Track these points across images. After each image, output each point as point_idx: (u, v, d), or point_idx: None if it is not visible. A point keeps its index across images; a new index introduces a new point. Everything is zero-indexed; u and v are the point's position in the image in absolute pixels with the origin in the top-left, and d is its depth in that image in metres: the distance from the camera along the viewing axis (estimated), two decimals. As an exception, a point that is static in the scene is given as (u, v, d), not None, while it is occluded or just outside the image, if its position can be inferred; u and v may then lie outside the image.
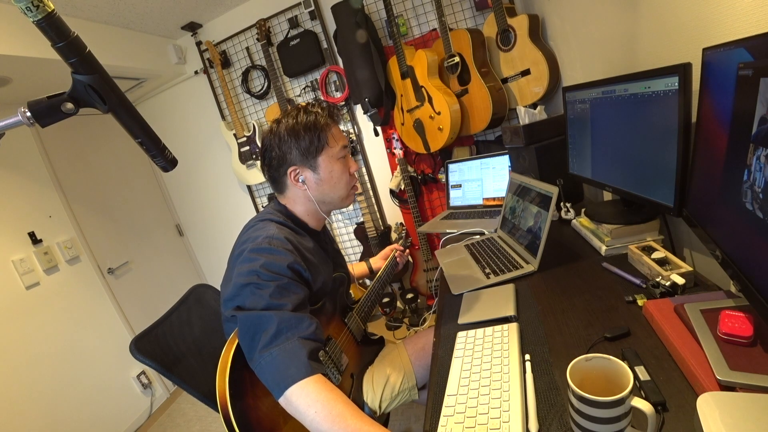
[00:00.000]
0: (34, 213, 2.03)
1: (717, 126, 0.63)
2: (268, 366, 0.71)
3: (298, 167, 0.92)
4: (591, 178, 1.14)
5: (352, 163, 0.98)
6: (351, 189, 0.99)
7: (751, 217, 0.52)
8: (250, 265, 0.79)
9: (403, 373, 1.03)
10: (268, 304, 0.76)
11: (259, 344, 0.73)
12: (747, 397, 0.45)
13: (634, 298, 0.76)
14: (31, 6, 0.44)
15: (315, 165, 0.92)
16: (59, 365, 1.96)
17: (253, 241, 0.83)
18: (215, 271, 3.05)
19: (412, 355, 1.07)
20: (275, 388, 0.70)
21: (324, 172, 0.92)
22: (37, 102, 0.50)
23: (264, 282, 0.78)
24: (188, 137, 2.72)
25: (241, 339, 0.77)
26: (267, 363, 0.71)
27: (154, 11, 2.09)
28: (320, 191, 0.94)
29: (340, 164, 0.94)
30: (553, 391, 0.60)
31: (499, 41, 1.78)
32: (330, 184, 0.94)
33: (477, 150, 2.13)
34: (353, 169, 0.97)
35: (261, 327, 0.74)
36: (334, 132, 0.93)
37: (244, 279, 0.79)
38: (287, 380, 0.69)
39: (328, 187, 0.94)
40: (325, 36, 2.22)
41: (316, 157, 0.91)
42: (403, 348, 1.10)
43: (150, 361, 0.93)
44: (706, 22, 0.72)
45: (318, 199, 0.95)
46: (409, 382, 1.03)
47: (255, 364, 0.73)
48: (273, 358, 0.71)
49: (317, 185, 0.94)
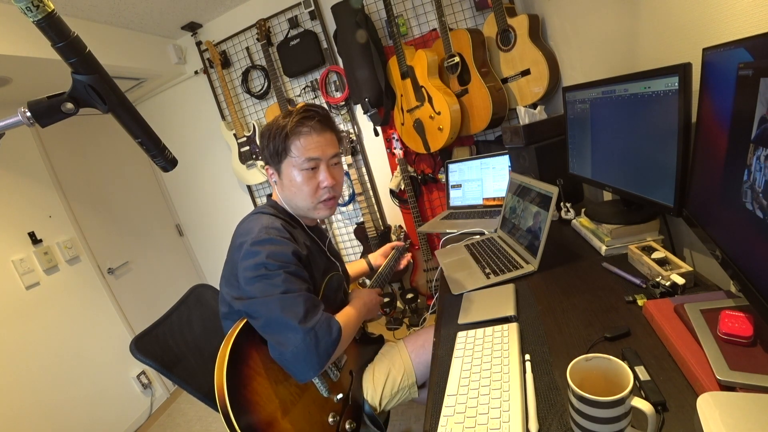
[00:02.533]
0: (34, 213, 2.03)
1: (717, 126, 0.63)
2: (313, 339, 0.77)
3: (270, 167, 0.97)
4: (591, 178, 1.14)
5: (323, 177, 0.92)
6: (320, 202, 0.94)
7: (751, 217, 0.52)
8: (255, 259, 0.80)
9: (403, 371, 1.03)
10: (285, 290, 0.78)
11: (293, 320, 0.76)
12: (747, 397, 0.45)
13: (634, 298, 0.76)
14: (31, 6, 0.44)
15: (279, 169, 0.94)
16: (59, 365, 1.96)
17: (250, 234, 0.84)
18: (215, 271, 3.05)
19: (412, 352, 1.07)
20: None
21: (285, 178, 0.93)
22: (37, 102, 0.50)
23: (273, 272, 0.79)
24: (188, 137, 2.72)
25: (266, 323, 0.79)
26: (312, 338, 0.77)
27: (154, 11, 2.09)
28: (285, 196, 0.97)
29: (304, 175, 0.91)
30: (553, 391, 0.60)
31: (499, 41, 1.78)
32: (290, 192, 0.94)
33: (477, 150, 2.13)
34: (325, 183, 0.92)
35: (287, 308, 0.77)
36: (302, 141, 0.89)
37: (252, 273, 0.79)
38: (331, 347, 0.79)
39: (290, 194, 0.95)
40: (325, 36, 2.23)
41: (279, 163, 0.93)
42: (403, 346, 1.10)
43: (150, 361, 0.93)
44: (706, 22, 0.72)
45: (286, 203, 0.98)
46: (409, 379, 1.03)
47: (298, 335, 0.76)
48: (314, 333, 0.77)
49: (281, 189, 0.97)
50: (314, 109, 0.92)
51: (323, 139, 0.92)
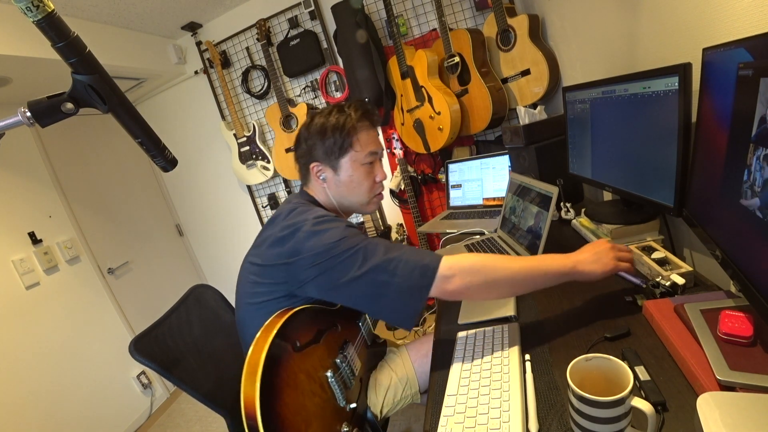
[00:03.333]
0: (34, 213, 2.03)
1: (717, 126, 0.63)
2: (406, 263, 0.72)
3: (320, 164, 0.92)
4: (591, 178, 1.14)
5: (379, 171, 0.96)
6: (374, 197, 0.97)
7: (751, 217, 0.52)
8: (321, 240, 0.76)
9: (406, 380, 1.02)
10: None
11: (380, 255, 0.73)
12: (747, 397, 0.45)
13: (634, 298, 0.76)
14: (31, 6, 0.44)
15: (337, 165, 0.92)
16: (59, 365, 1.96)
17: (304, 222, 0.80)
18: (215, 271, 3.05)
19: (416, 361, 1.05)
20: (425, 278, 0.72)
21: (344, 174, 0.92)
22: (37, 102, 0.50)
23: (349, 239, 0.76)
24: (188, 137, 2.72)
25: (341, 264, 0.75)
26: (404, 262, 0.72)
27: (154, 11, 2.09)
28: (338, 193, 0.94)
29: (364, 169, 0.93)
30: (553, 391, 0.60)
31: (499, 41, 1.78)
32: (349, 187, 0.93)
33: (477, 150, 2.13)
34: (380, 178, 0.95)
35: (368, 252, 0.74)
36: (363, 136, 0.91)
37: (329, 249, 0.75)
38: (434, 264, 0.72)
39: (347, 190, 0.93)
40: (325, 36, 2.22)
41: (338, 158, 0.91)
42: (406, 354, 1.08)
43: (149, 361, 0.92)
44: (706, 22, 0.72)
45: (337, 200, 0.95)
46: (412, 388, 1.01)
47: (385, 262, 0.73)
48: (405, 263, 0.73)
49: (336, 186, 0.94)
50: (368, 107, 0.94)
51: (377, 136, 0.96)
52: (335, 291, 0.77)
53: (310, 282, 0.78)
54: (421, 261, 0.73)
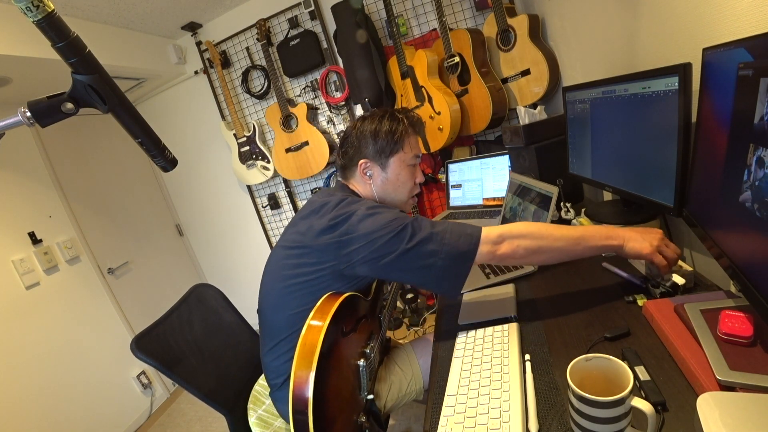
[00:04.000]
0: (34, 213, 2.03)
1: (717, 126, 0.63)
2: (451, 236, 0.78)
3: (369, 161, 0.98)
4: (591, 178, 1.14)
5: (419, 174, 1.04)
6: (412, 196, 1.05)
7: (751, 216, 0.52)
8: (374, 221, 0.80)
9: (411, 376, 1.03)
10: None
11: (423, 231, 0.78)
12: (747, 397, 0.45)
13: (634, 298, 0.76)
14: (31, 6, 0.44)
15: (386, 164, 0.98)
16: (59, 365, 1.96)
17: (357, 210, 0.83)
18: (215, 271, 3.05)
19: (420, 358, 1.07)
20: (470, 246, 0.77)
21: (392, 173, 0.99)
22: (37, 102, 0.50)
23: (399, 219, 0.80)
24: (188, 137, 2.72)
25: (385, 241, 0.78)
26: (449, 238, 0.77)
27: (154, 11, 2.09)
28: (383, 189, 1.00)
29: (409, 171, 1.00)
30: (553, 391, 0.60)
31: (499, 41, 1.78)
32: (394, 185, 1.00)
33: (477, 150, 2.13)
34: (419, 180, 1.04)
35: (416, 227, 0.79)
36: (412, 140, 1.00)
37: (381, 227, 0.79)
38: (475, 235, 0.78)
39: (392, 188, 1.00)
40: (325, 36, 2.23)
41: (388, 157, 0.97)
42: (411, 350, 1.10)
43: (151, 359, 0.92)
44: (706, 22, 0.72)
45: (379, 197, 1.01)
46: (417, 384, 1.03)
47: (431, 236, 0.78)
48: (451, 233, 0.78)
49: (382, 183, 1.00)
50: (413, 116, 1.03)
51: (418, 141, 1.04)
52: (387, 266, 0.79)
53: (362, 259, 0.80)
54: (464, 231, 0.79)
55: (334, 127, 2.39)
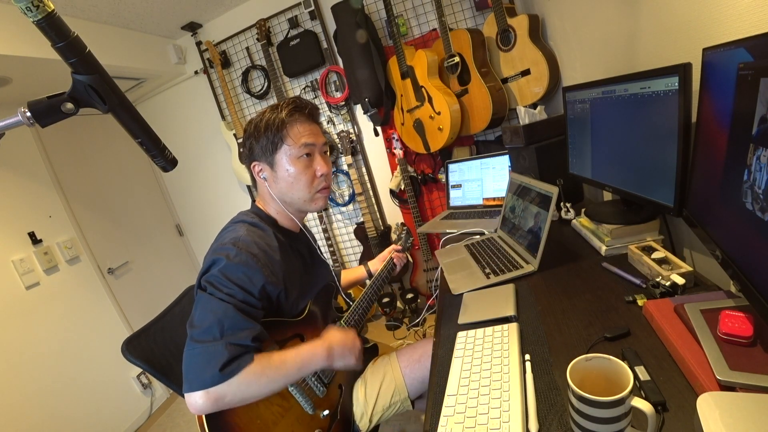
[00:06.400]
0: (34, 213, 2.03)
1: (717, 126, 0.63)
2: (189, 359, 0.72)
3: (259, 163, 0.92)
4: (591, 178, 1.14)
5: (320, 164, 0.92)
6: (317, 191, 0.93)
7: (751, 217, 0.52)
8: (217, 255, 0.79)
9: (394, 386, 1.01)
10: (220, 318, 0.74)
11: (193, 330, 0.73)
12: (747, 397, 0.45)
13: (634, 298, 0.76)
14: (31, 6, 0.44)
15: (272, 162, 0.90)
16: (59, 365, 1.96)
17: (222, 240, 0.84)
18: (215, 271, 3.04)
19: (406, 367, 1.04)
20: (185, 383, 0.70)
21: (280, 170, 0.90)
22: (37, 102, 0.50)
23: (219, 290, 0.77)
24: (188, 137, 2.72)
25: None
26: (188, 356, 0.72)
27: (154, 11, 2.09)
28: (279, 191, 0.93)
29: (301, 163, 0.90)
30: (553, 391, 0.60)
31: (499, 41, 1.78)
32: (288, 183, 0.91)
33: (477, 150, 2.13)
34: (321, 171, 0.92)
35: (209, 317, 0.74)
36: (294, 130, 0.89)
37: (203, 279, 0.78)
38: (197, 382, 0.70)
39: (286, 186, 0.91)
40: (325, 36, 2.23)
41: (273, 155, 0.90)
42: (395, 360, 1.06)
43: (141, 362, 0.91)
44: (706, 22, 0.72)
45: (279, 198, 0.93)
46: (401, 394, 1.00)
47: (185, 349, 0.73)
48: (195, 354, 0.71)
49: (276, 183, 0.92)
50: (303, 101, 0.93)
51: (314, 128, 0.93)
52: None
53: None
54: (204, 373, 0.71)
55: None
